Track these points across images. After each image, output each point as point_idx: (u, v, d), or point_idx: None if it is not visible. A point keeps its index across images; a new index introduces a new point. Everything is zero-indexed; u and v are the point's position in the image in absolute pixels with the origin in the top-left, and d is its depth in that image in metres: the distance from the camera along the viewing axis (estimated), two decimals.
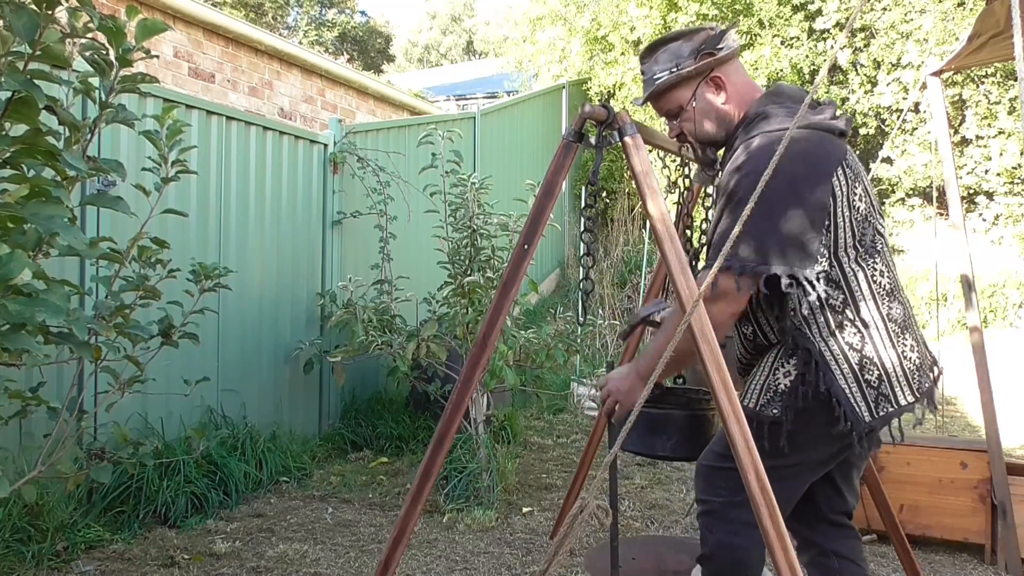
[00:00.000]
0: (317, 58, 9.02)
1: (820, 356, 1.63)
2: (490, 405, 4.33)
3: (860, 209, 1.65)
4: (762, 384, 1.70)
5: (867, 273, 1.65)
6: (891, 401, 1.64)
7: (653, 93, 1.83)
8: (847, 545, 1.87)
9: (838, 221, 1.61)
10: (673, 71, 1.79)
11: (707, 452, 1.81)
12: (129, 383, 2.52)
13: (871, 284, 1.65)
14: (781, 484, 1.70)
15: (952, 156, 3.20)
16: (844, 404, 1.61)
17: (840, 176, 1.62)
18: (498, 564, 3.04)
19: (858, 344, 1.63)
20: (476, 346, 1.76)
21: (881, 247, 1.69)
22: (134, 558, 2.96)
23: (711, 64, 1.77)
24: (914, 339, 1.70)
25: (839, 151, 1.65)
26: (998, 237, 9.29)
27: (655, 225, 1.56)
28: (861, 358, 1.63)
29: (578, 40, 11.44)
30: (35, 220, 1.45)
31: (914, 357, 1.68)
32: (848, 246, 1.63)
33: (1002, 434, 3.03)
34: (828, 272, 1.62)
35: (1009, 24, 2.35)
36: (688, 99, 1.81)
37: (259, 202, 4.27)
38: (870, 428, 1.62)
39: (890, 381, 1.64)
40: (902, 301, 1.71)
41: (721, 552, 1.73)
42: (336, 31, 26.70)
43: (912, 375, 1.67)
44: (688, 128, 1.83)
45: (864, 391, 1.63)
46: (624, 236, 10.12)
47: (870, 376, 1.63)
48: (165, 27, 1.86)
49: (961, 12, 8.88)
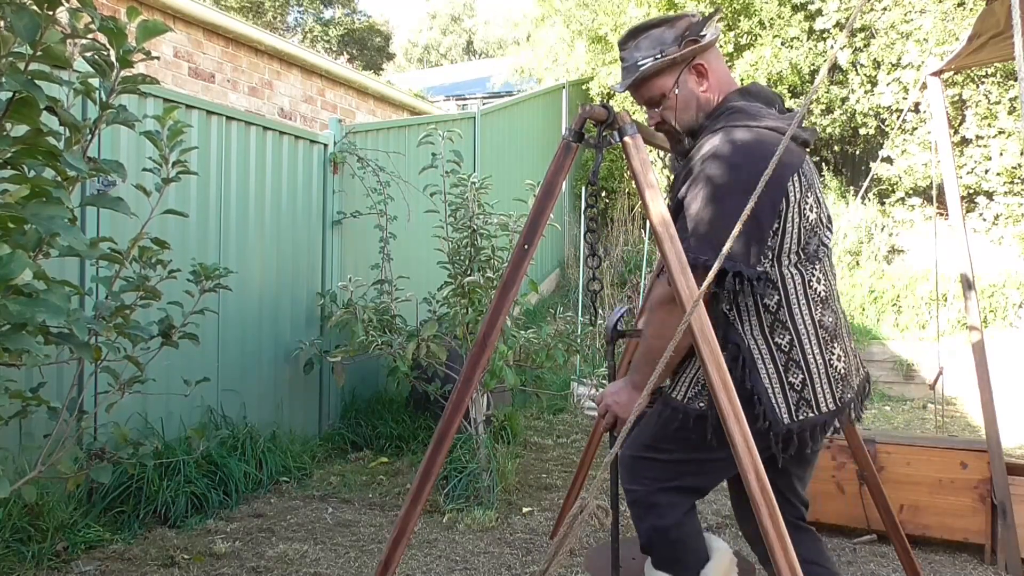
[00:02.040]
0: (317, 58, 9.02)
1: (748, 353, 1.64)
2: (490, 405, 4.33)
3: (810, 219, 1.67)
4: (691, 377, 1.71)
5: (804, 278, 1.67)
6: (812, 407, 1.65)
7: (636, 80, 1.80)
8: (806, 547, 1.86)
9: (787, 226, 1.63)
10: (657, 57, 1.76)
11: (632, 442, 1.81)
12: (129, 383, 2.52)
13: (807, 289, 1.67)
14: (704, 477, 1.76)
15: (952, 156, 3.20)
16: (764, 403, 1.63)
17: (795, 183, 1.64)
18: (498, 564, 3.04)
19: (786, 346, 1.65)
20: (476, 346, 1.76)
21: (823, 256, 1.72)
22: (134, 558, 2.96)
23: (695, 51, 1.76)
24: (843, 349, 1.71)
25: (797, 159, 1.67)
26: (998, 237, 9.28)
27: (655, 225, 1.57)
28: (787, 360, 1.64)
29: (577, 39, 11.44)
30: (35, 220, 1.45)
31: (840, 366, 1.69)
32: (791, 251, 1.65)
33: (1002, 434, 3.03)
34: (768, 273, 1.63)
35: (1009, 24, 2.36)
36: (671, 86, 1.78)
37: (259, 202, 4.28)
38: (787, 431, 1.63)
39: (813, 387, 1.65)
40: (835, 310, 1.73)
41: (657, 537, 1.75)
42: (337, 31, 26.71)
43: (836, 383, 1.68)
44: (669, 116, 1.81)
45: (786, 393, 1.64)
46: (624, 236, 10.11)
47: (794, 379, 1.64)
48: (166, 28, 1.86)
49: (961, 12, 8.87)
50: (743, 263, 1.60)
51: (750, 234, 1.59)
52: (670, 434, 1.72)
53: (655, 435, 1.77)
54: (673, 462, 1.74)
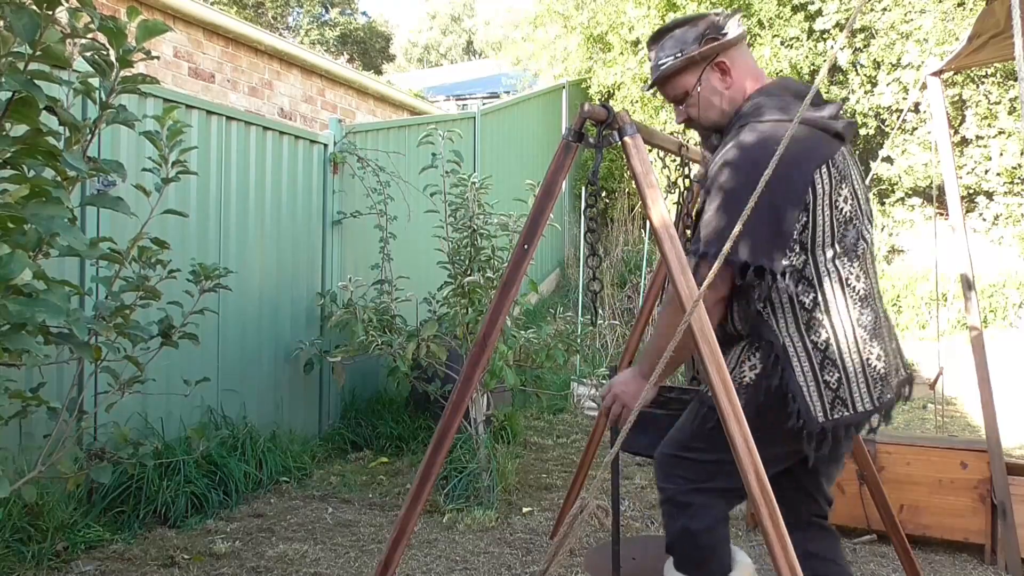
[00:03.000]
0: (317, 58, 9.02)
1: (783, 351, 1.63)
2: (490, 405, 4.33)
3: (844, 211, 1.65)
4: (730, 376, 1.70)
5: (842, 275, 1.65)
6: (847, 406, 1.63)
7: (659, 78, 1.86)
8: (825, 545, 1.88)
9: (817, 219, 1.61)
10: (678, 56, 1.81)
11: (667, 441, 1.80)
12: (129, 383, 2.52)
13: (844, 287, 1.65)
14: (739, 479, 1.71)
15: (952, 156, 3.20)
16: (799, 400, 1.61)
17: (823, 175, 1.62)
18: (498, 564, 3.04)
19: (822, 344, 1.63)
20: (476, 346, 1.76)
21: (863, 252, 1.69)
22: (134, 558, 2.96)
23: (716, 49, 1.79)
24: (883, 349, 1.69)
25: (827, 150, 1.65)
26: (998, 237, 9.29)
27: (655, 225, 1.57)
28: (823, 358, 1.63)
29: (576, 39, 11.44)
30: (35, 220, 1.45)
31: (879, 366, 1.67)
32: (825, 245, 1.63)
33: (1002, 434, 3.03)
34: (802, 270, 1.62)
35: (1009, 24, 2.35)
36: (693, 84, 1.82)
37: (259, 202, 4.28)
38: (822, 429, 1.62)
39: (849, 386, 1.63)
40: (875, 309, 1.70)
41: (683, 538, 1.73)
42: (334, 32, 26.71)
43: (875, 384, 1.66)
44: (694, 113, 1.85)
45: (822, 391, 1.62)
46: (624, 236, 10.11)
47: (830, 378, 1.63)
48: (166, 28, 1.86)
49: (961, 12, 8.88)
50: (763, 257, 1.58)
51: (770, 227, 1.58)
52: (705, 433, 1.70)
53: (691, 434, 1.76)
54: (708, 462, 1.72)
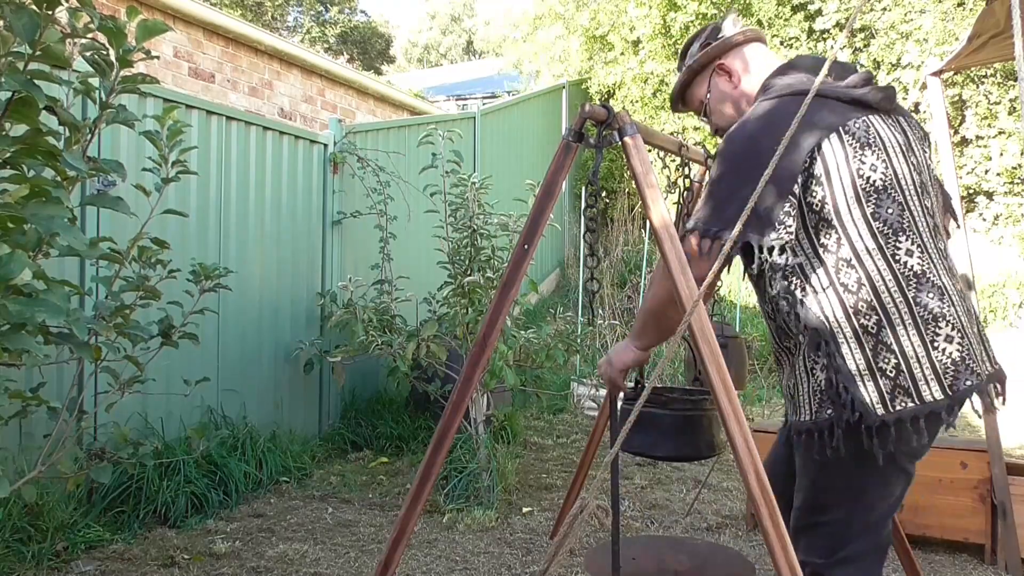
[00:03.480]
0: (317, 58, 9.02)
1: (830, 336, 1.50)
2: (490, 405, 4.33)
3: (872, 180, 1.50)
4: (807, 392, 1.57)
5: (888, 253, 1.50)
6: (911, 396, 1.46)
7: (673, 96, 1.90)
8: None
9: (835, 190, 1.50)
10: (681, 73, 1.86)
11: (794, 512, 1.66)
12: (129, 383, 2.52)
13: (893, 263, 1.50)
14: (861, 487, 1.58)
15: (952, 156, 3.20)
16: (851, 391, 1.47)
17: (832, 143, 1.50)
18: (498, 564, 3.04)
19: (873, 328, 1.48)
20: (476, 346, 1.76)
21: (908, 226, 1.52)
22: (134, 558, 2.96)
23: (711, 54, 1.79)
24: (958, 332, 1.50)
25: (836, 118, 1.53)
26: (998, 237, 9.28)
27: (655, 225, 1.56)
28: (876, 343, 1.48)
29: (576, 40, 11.44)
30: (35, 220, 1.45)
31: (951, 350, 1.48)
32: (855, 218, 1.50)
33: (1002, 434, 3.03)
34: (837, 250, 1.51)
35: (1009, 24, 2.36)
36: (704, 92, 1.84)
37: (259, 202, 4.27)
38: (882, 423, 1.46)
39: (911, 373, 1.46)
40: (941, 287, 1.52)
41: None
42: (333, 30, 26.70)
43: (946, 370, 1.47)
44: (715, 121, 1.86)
45: (877, 380, 1.47)
46: (624, 236, 10.11)
47: (885, 364, 1.47)
48: (166, 28, 1.86)
49: (961, 12, 8.87)
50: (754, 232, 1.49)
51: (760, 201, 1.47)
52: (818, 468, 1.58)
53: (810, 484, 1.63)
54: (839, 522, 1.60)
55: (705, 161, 2.38)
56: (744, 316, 7.94)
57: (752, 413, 5.91)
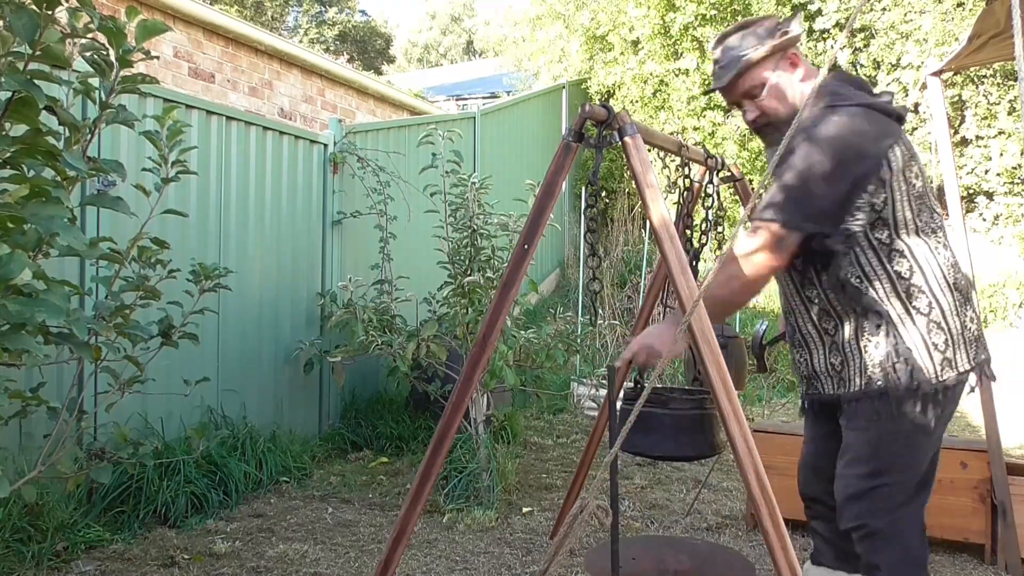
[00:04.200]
0: (317, 58, 9.02)
1: (889, 317, 1.74)
2: (490, 405, 4.33)
3: (916, 186, 1.76)
4: (858, 366, 1.79)
5: (931, 246, 1.77)
6: (952, 366, 1.75)
7: (740, 71, 1.92)
8: None
9: (895, 194, 1.73)
10: (758, 49, 1.88)
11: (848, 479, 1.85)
12: (129, 383, 2.52)
13: (935, 255, 1.77)
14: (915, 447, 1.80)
15: (952, 156, 3.20)
16: (912, 363, 1.72)
17: (896, 152, 1.73)
18: (498, 564, 3.04)
19: (925, 309, 1.74)
20: (476, 346, 1.76)
21: (938, 223, 1.81)
22: (134, 558, 2.96)
23: (789, 41, 1.88)
24: (975, 312, 1.83)
25: (895, 131, 1.78)
26: (998, 237, 9.29)
27: (655, 225, 1.57)
28: (928, 322, 1.74)
29: (577, 39, 11.44)
30: (35, 220, 1.45)
31: (973, 328, 1.81)
32: (907, 219, 1.75)
33: (1002, 434, 3.03)
34: (891, 244, 1.74)
35: (1009, 24, 2.35)
36: (765, 78, 1.90)
37: (259, 202, 4.27)
38: (935, 390, 1.73)
39: (955, 347, 1.75)
40: (964, 274, 1.83)
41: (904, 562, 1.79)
42: (332, 31, 26.70)
43: (971, 344, 1.79)
44: (766, 105, 1.90)
45: (931, 353, 1.74)
46: (624, 236, 10.11)
47: (937, 340, 1.74)
48: (166, 28, 1.86)
49: (961, 12, 8.87)
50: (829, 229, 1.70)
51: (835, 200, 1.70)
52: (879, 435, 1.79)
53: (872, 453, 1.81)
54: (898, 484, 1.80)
55: (705, 161, 2.38)
56: (744, 316, 7.94)
57: (752, 413, 5.91)
